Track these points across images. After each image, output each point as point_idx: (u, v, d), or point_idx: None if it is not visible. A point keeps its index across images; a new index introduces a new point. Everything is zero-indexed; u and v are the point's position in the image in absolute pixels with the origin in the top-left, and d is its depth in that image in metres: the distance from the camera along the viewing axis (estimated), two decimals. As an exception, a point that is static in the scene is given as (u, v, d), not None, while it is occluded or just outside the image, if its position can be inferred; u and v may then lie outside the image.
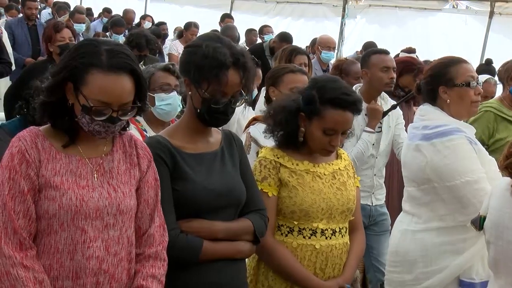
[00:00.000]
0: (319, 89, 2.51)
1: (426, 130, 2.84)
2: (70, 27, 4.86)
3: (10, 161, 1.87)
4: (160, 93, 3.10)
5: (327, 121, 2.48)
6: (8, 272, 1.81)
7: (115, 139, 2.05)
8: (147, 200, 2.04)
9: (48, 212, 1.87)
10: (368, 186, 3.99)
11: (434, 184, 2.79)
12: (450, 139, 2.76)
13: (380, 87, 4.01)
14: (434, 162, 2.77)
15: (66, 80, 1.89)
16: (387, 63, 4.00)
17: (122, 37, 8.30)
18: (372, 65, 4.00)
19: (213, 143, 2.34)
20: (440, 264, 2.79)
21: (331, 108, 2.47)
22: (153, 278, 2.00)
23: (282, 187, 2.54)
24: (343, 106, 2.47)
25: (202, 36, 2.34)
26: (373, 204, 4.03)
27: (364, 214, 4.05)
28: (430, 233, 2.83)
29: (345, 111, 2.48)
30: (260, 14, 12.07)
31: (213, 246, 2.21)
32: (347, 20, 10.79)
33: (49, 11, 12.30)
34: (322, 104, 2.48)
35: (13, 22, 8.01)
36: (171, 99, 3.11)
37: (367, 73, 4.01)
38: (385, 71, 3.97)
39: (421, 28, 9.99)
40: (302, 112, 2.53)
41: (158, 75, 3.13)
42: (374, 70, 3.98)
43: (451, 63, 2.91)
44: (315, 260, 2.53)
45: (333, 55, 6.70)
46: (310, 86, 2.58)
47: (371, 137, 3.90)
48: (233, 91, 2.20)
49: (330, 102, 2.47)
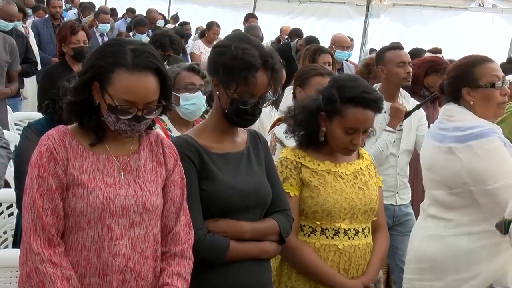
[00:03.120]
0: (339, 88, 2.50)
1: (459, 132, 2.72)
2: (85, 29, 4.88)
3: (39, 159, 1.89)
4: (185, 93, 3.11)
5: (348, 120, 2.46)
6: (37, 268, 1.83)
7: (142, 137, 2.06)
8: (173, 199, 2.05)
9: (76, 210, 1.89)
10: (392, 186, 3.96)
11: (470, 187, 2.67)
12: (488, 141, 2.64)
13: (397, 83, 3.98)
14: (472, 165, 2.65)
15: (92, 80, 1.91)
16: (402, 58, 3.97)
17: (145, 37, 8.36)
18: (388, 61, 3.98)
19: (239, 143, 2.34)
20: (473, 271, 2.68)
21: (352, 107, 2.45)
22: (178, 276, 2.01)
23: (304, 187, 2.53)
24: (364, 105, 2.45)
25: (230, 36, 2.33)
26: (397, 203, 3.99)
27: (388, 215, 4.01)
28: (462, 238, 2.72)
29: (366, 109, 2.46)
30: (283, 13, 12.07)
31: (240, 246, 2.21)
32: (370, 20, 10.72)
33: (74, 12, 12.46)
34: (342, 103, 2.46)
35: (39, 22, 8.11)
36: (196, 99, 3.12)
37: (383, 70, 3.99)
38: (401, 66, 3.94)
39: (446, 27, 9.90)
40: (323, 111, 2.52)
41: (183, 74, 3.14)
42: (390, 66, 3.96)
43: (475, 63, 2.79)
44: (339, 261, 2.52)
45: (347, 54, 6.67)
46: (330, 85, 2.56)
47: (391, 137, 3.86)
48: (261, 92, 2.20)
49: (350, 101, 2.45)
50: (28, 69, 5.91)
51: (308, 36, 7.42)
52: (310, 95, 2.71)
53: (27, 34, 6.85)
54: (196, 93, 3.12)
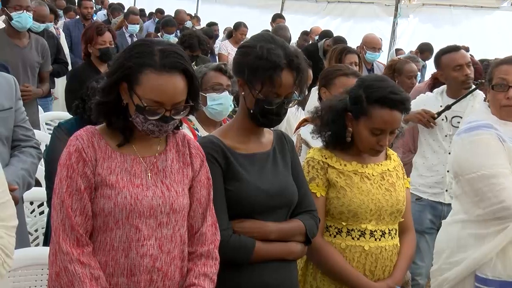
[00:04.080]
0: (366, 88, 2.48)
1: (464, 126, 2.87)
2: (111, 30, 4.91)
3: (68, 160, 1.91)
4: (212, 93, 3.12)
5: (374, 120, 2.45)
6: (66, 267, 1.85)
7: (169, 138, 2.07)
8: (200, 199, 2.06)
9: (104, 210, 1.91)
10: (440, 183, 3.92)
11: (459, 177, 2.81)
12: (475, 134, 2.75)
13: (458, 87, 3.90)
14: (458, 155, 2.82)
15: (120, 80, 1.92)
16: (458, 61, 3.89)
17: (173, 37, 8.40)
18: (444, 66, 3.92)
19: (265, 143, 2.34)
20: (459, 257, 2.78)
21: (379, 108, 2.44)
22: (205, 276, 2.02)
23: (330, 187, 2.52)
24: (391, 105, 2.43)
25: (256, 37, 2.32)
26: (445, 201, 3.92)
27: (435, 214, 3.99)
28: (456, 225, 2.84)
29: (393, 110, 2.44)
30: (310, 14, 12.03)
31: (265, 247, 2.21)
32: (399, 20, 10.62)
33: (104, 13, 12.61)
34: (369, 104, 2.45)
35: (71, 23, 8.23)
36: (223, 99, 3.12)
37: (442, 75, 3.95)
38: (458, 70, 3.87)
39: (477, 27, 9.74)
40: (349, 112, 2.51)
41: (210, 75, 3.15)
42: (447, 71, 3.90)
43: (497, 64, 2.87)
44: (364, 262, 2.50)
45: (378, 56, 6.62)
46: (357, 85, 2.55)
47: None
48: (287, 92, 2.19)
49: (377, 102, 2.44)
50: (59, 70, 5.99)
51: (335, 36, 7.38)
52: (336, 95, 2.70)
53: (58, 35, 6.95)
54: (223, 93, 3.13)
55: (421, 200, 4.06)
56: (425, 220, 4.03)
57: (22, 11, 4.97)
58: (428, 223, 4.04)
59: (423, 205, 4.05)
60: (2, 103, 2.78)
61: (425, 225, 4.03)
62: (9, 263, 1.79)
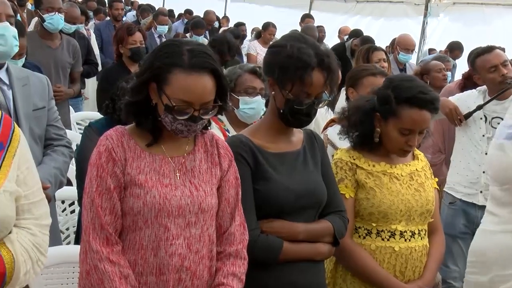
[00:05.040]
0: (394, 88, 2.47)
1: (503, 129, 2.76)
2: (141, 30, 4.97)
3: (98, 159, 1.93)
4: (245, 96, 3.11)
5: (403, 121, 2.43)
6: (96, 266, 1.86)
7: (197, 138, 2.08)
8: (228, 199, 2.06)
9: (133, 209, 1.92)
10: (475, 183, 3.87)
11: (507, 185, 2.69)
12: None
13: (496, 88, 3.82)
14: (507, 162, 2.68)
15: (150, 80, 1.93)
16: (492, 62, 3.82)
17: (202, 38, 8.45)
18: (480, 69, 3.87)
19: (295, 142, 2.33)
20: None
21: (408, 108, 2.42)
22: (233, 276, 2.02)
23: (359, 188, 2.51)
24: (420, 105, 2.41)
25: (286, 36, 2.32)
26: (479, 202, 3.85)
27: (468, 219, 3.92)
28: (508, 235, 2.72)
29: (422, 110, 2.42)
30: (339, 13, 11.96)
31: (293, 247, 2.21)
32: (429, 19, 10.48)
33: (134, 13, 12.74)
34: (398, 104, 2.43)
35: (102, 25, 8.34)
36: (255, 103, 3.11)
37: (479, 79, 3.90)
38: (494, 71, 3.80)
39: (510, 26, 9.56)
40: (378, 112, 2.49)
41: (244, 77, 3.14)
42: (483, 73, 3.85)
43: None
44: (395, 263, 2.49)
45: (410, 57, 6.55)
46: (385, 85, 2.53)
47: None
48: (317, 92, 2.18)
49: (406, 101, 2.42)
50: (89, 70, 6.08)
51: (363, 36, 7.32)
52: (364, 96, 2.68)
53: (88, 36, 7.04)
54: (256, 98, 3.11)
55: (454, 204, 4.01)
56: (458, 225, 3.98)
57: (54, 13, 5.05)
58: (461, 227, 3.98)
59: (456, 209, 4.00)
60: (36, 103, 2.82)
61: (458, 230, 3.98)
62: (43, 261, 1.82)
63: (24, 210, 1.79)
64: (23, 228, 1.78)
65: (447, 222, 3.85)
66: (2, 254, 1.70)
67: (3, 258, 1.70)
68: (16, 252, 1.72)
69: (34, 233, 1.78)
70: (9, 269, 1.70)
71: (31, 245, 1.77)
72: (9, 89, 2.75)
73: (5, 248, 1.71)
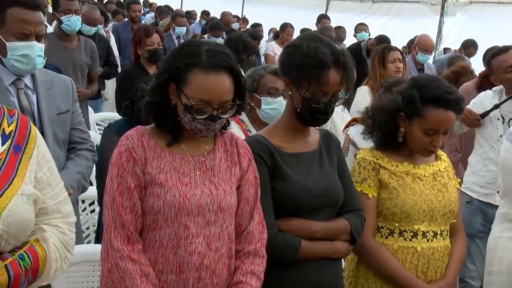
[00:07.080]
0: (419, 88, 2.46)
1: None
2: (159, 32, 4.98)
3: (119, 159, 1.96)
4: (267, 97, 3.13)
5: (428, 121, 2.42)
6: (117, 264, 1.89)
7: (217, 137, 2.10)
8: (247, 198, 2.08)
9: (153, 208, 1.94)
10: (492, 184, 3.85)
11: None
12: None
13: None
14: None
15: (169, 81, 1.95)
16: (508, 62, 3.81)
17: (220, 40, 8.48)
18: (496, 69, 3.86)
19: (311, 142, 2.34)
20: None
21: (433, 108, 2.41)
22: (252, 274, 2.03)
23: (382, 188, 2.51)
24: (445, 105, 2.41)
25: (301, 36, 2.33)
26: (496, 202, 3.80)
27: (485, 218, 3.90)
28: None
29: (447, 110, 2.41)
30: (356, 13, 11.93)
31: (311, 246, 2.22)
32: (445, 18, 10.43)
33: (152, 15, 12.82)
34: (423, 104, 2.43)
35: (119, 26, 8.39)
36: (277, 104, 3.12)
37: (496, 79, 3.88)
38: (510, 71, 3.79)
39: (528, 25, 9.47)
40: (402, 112, 2.49)
41: (267, 78, 3.15)
42: (500, 74, 3.83)
43: None
44: (417, 263, 2.48)
45: (429, 58, 6.51)
46: (410, 85, 2.52)
47: None
48: (333, 90, 2.20)
49: (431, 102, 2.41)
50: (109, 72, 6.12)
51: (378, 36, 7.30)
52: (388, 95, 2.68)
53: (108, 37, 7.09)
54: (278, 98, 3.12)
55: (471, 203, 3.99)
56: (475, 224, 3.96)
57: (71, 15, 5.11)
58: (479, 226, 3.96)
59: (473, 208, 3.98)
60: (60, 106, 2.78)
61: (476, 229, 3.96)
62: (70, 259, 1.85)
63: (54, 210, 1.81)
64: (54, 226, 1.80)
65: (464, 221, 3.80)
66: (37, 250, 1.73)
67: (38, 255, 1.73)
68: (49, 250, 1.75)
69: (64, 231, 1.81)
70: (41, 266, 1.73)
71: (59, 243, 1.79)
72: (33, 93, 2.71)
73: (39, 245, 1.74)
